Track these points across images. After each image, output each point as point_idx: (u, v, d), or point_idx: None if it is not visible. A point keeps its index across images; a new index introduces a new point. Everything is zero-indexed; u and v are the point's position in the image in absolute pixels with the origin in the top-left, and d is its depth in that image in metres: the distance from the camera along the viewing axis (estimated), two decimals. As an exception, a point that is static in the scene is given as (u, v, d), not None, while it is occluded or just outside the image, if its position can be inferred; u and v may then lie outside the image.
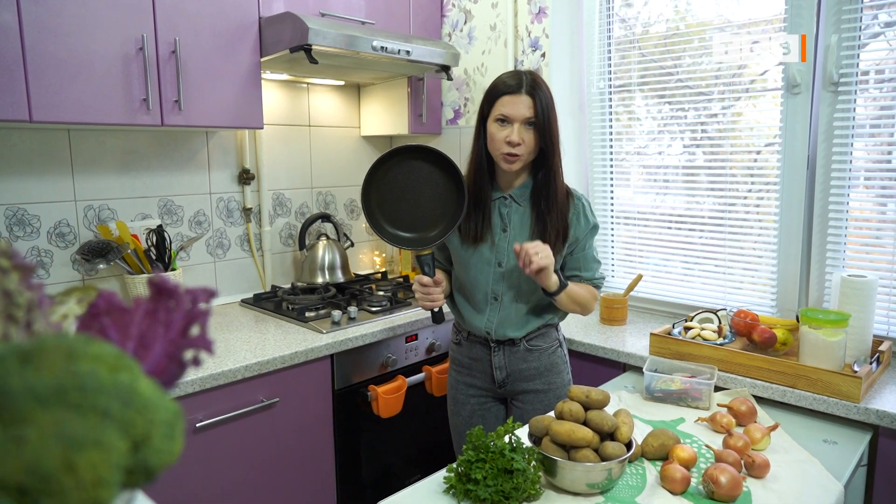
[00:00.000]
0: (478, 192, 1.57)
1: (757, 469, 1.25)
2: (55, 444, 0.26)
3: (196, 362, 0.38)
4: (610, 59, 2.30)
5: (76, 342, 0.30)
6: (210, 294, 0.40)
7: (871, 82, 1.80)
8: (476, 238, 1.57)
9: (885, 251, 1.82)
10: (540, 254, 1.42)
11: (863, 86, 1.80)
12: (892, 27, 1.75)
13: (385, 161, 1.52)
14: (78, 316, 0.44)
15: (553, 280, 1.49)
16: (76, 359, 0.29)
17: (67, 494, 0.26)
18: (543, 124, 1.48)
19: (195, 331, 0.39)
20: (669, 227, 2.26)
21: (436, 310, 1.57)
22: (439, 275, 1.56)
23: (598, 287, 1.65)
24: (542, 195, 1.55)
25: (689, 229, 2.21)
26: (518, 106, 1.47)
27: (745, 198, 2.07)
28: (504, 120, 1.49)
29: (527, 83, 1.48)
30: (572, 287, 1.56)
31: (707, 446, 1.35)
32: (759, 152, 2.03)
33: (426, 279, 1.53)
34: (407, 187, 1.54)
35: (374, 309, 2.10)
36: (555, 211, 1.54)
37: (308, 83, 2.50)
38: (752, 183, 2.06)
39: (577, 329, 2.10)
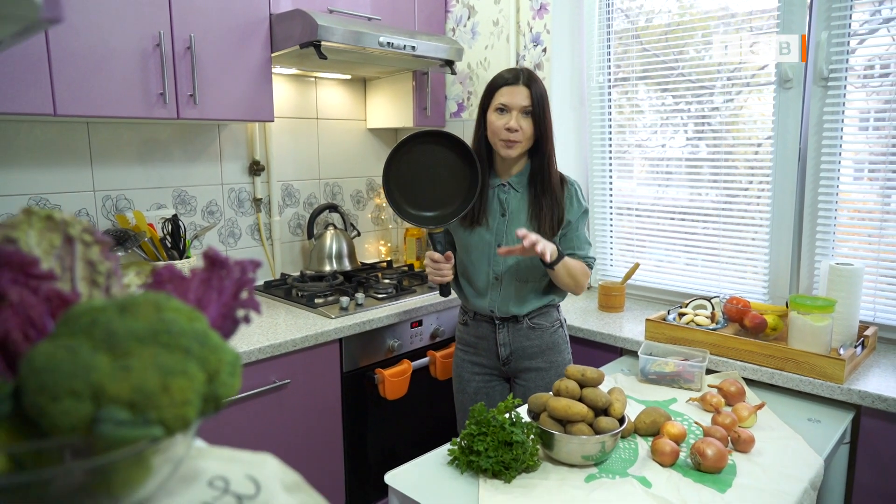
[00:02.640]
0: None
1: (742, 444, 1.33)
2: (154, 372, 0.34)
3: (247, 320, 0.45)
4: (609, 53, 2.37)
5: (160, 298, 0.38)
6: (256, 265, 0.48)
7: (864, 77, 1.86)
8: (474, 221, 1.69)
9: (872, 240, 1.89)
10: (539, 242, 1.51)
11: (852, 80, 1.86)
12: (889, 22, 1.81)
13: (405, 145, 1.63)
14: (139, 284, 0.52)
15: (551, 248, 1.53)
16: (162, 310, 0.37)
17: (164, 409, 0.33)
18: (539, 113, 1.61)
19: (244, 295, 0.46)
20: (671, 219, 2.33)
21: (444, 285, 1.70)
22: (449, 252, 1.67)
23: (589, 266, 1.74)
24: (538, 180, 1.67)
25: (686, 220, 2.28)
26: (516, 96, 1.60)
27: (747, 189, 2.13)
28: (503, 109, 1.61)
29: (524, 76, 1.62)
30: (568, 259, 1.64)
31: (696, 423, 1.43)
32: (759, 145, 2.09)
33: (437, 255, 1.65)
34: (424, 169, 1.65)
35: (380, 296, 2.18)
36: (550, 194, 1.66)
37: (316, 77, 2.57)
38: (753, 175, 2.12)
39: (576, 315, 2.18)
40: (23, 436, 0.34)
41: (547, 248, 1.52)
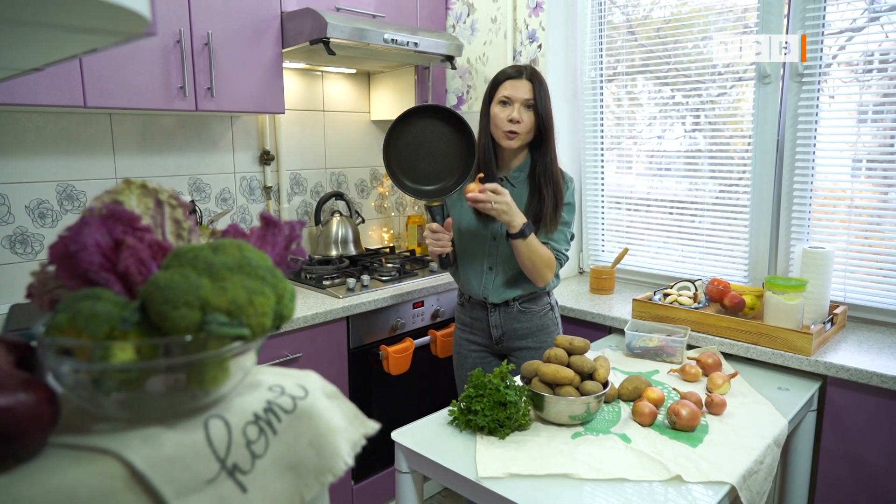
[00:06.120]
0: (485, 172, 1.73)
1: (715, 407, 1.47)
2: (242, 291, 0.47)
3: (296, 263, 0.59)
4: (602, 50, 2.50)
5: (240, 242, 0.52)
6: (302, 224, 0.61)
7: (842, 71, 1.99)
8: (477, 213, 1.75)
9: (841, 225, 2.03)
10: (496, 201, 1.56)
11: (828, 75, 1.99)
12: (876, 19, 1.94)
13: (403, 120, 1.67)
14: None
15: (517, 221, 1.60)
16: (243, 249, 0.50)
17: (251, 317, 0.47)
18: (540, 107, 1.68)
19: (293, 246, 0.60)
20: (662, 209, 2.47)
21: (444, 255, 1.72)
22: (447, 222, 1.69)
23: (558, 260, 1.75)
24: (541, 173, 1.72)
25: (673, 209, 2.42)
26: (518, 89, 1.68)
27: (740, 179, 2.26)
28: (506, 102, 1.69)
29: (527, 71, 1.70)
30: (534, 240, 1.65)
31: (675, 389, 1.57)
32: (750, 136, 2.20)
33: (436, 225, 1.68)
34: (422, 144, 1.69)
35: (384, 278, 2.31)
36: (552, 186, 1.72)
37: (322, 71, 2.69)
38: (737, 165, 2.24)
39: (568, 297, 2.31)
40: (146, 337, 0.48)
41: (514, 219, 1.58)
